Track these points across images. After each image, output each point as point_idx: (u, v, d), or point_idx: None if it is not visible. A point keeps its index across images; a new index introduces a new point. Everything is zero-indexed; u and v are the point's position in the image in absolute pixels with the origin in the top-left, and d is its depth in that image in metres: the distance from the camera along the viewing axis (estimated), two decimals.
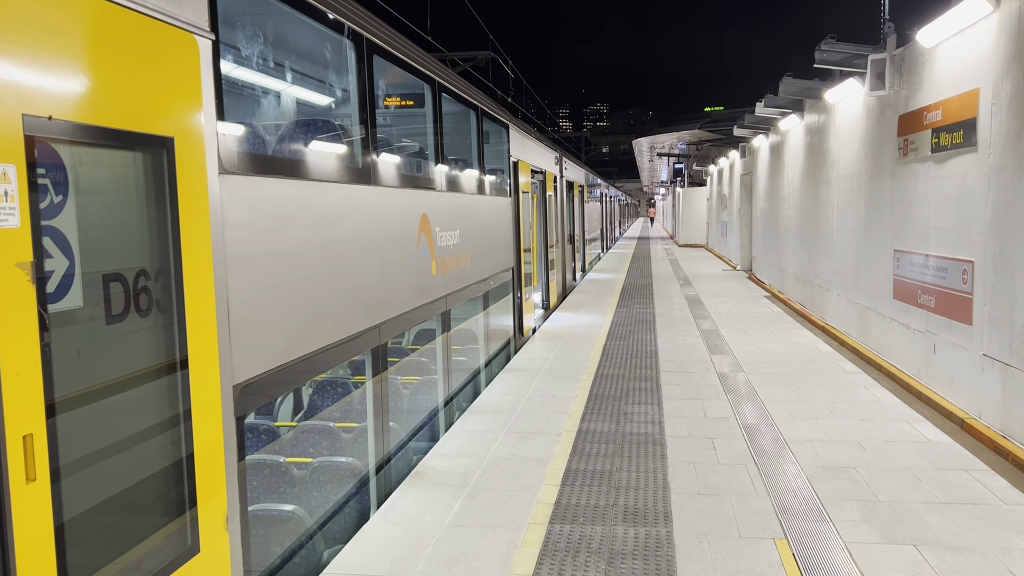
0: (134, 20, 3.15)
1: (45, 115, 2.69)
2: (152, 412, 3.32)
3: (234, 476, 3.85)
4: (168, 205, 3.35)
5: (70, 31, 2.84)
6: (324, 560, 5.32)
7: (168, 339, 3.38)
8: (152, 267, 3.30)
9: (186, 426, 3.45)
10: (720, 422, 7.82)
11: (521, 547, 5.03)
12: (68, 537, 2.79)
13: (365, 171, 5.96)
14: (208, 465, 3.60)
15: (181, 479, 3.44)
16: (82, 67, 2.87)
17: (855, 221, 11.68)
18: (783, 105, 15.89)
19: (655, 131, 42.70)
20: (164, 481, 3.37)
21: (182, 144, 3.41)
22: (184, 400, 3.44)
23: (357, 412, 6.68)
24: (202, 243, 3.57)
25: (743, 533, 5.21)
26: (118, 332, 3.13)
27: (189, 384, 3.45)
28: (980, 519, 5.38)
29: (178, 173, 3.38)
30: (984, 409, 7.35)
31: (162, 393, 3.36)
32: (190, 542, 3.46)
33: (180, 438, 3.43)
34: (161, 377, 3.35)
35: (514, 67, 19.78)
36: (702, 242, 41.01)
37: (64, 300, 2.85)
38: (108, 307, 3.08)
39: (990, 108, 7.32)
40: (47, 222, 2.77)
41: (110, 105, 3.00)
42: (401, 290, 6.75)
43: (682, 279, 22.84)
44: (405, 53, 7.06)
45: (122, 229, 3.20)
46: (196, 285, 3.52)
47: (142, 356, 3.26)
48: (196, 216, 3.53)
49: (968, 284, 7.74)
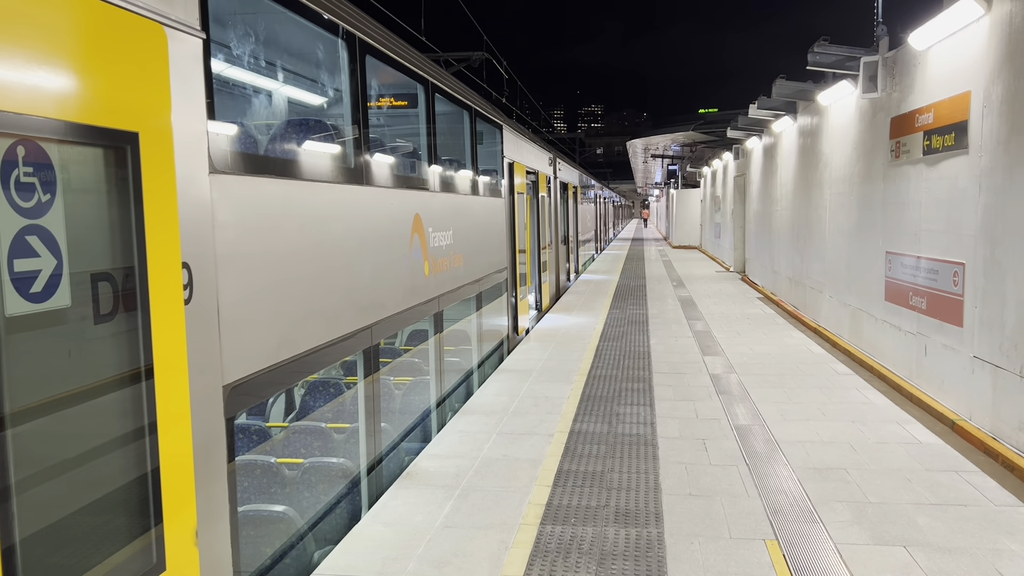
0: (88, 5, 2.95)
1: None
2: (109, 422, 3.09)
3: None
4: (132, 204, 3.13)
5: (11, 14, 2.65)
6: (315, 561, 5.30)
7: (130, 346, 3.16)
8: (109, 269, 3.06)
9: (151, 438, 3.24)
10: (712, 423, 7.83)
11: (512, 548, 5.03)
12: (20, 557, 2.61)
13: (357, 171, 5.94)
14: (175, 477, 3.39)
15: (145, 492, 3.23)
16: (29, 55, 2.70)
17: (847, 223, 11.72)
18: (776, 107, 15.93)
19: (649, 132, 42.75)
20: (124, 496, 3.15)
21: (148, 140, 3.21)
22: (149, 409, 3.23)
23: (349, 413, 6.66)
24: (170, 243, 3.36)
25: (734, 534, 5.22)
26: (69, 338, 2.89)
27: (154, 392, 3.24)
28: (970, 520, 5.40)
29: (143, 170, 3.17)
30: (974, 411, 7.38)
31: (121, 402, 3.13)
32: (155, 559, 3.26)
33: (143, 449, 3.21)
34: (120, 385, 3.12)
35: (508, 68, 19.78)
36: (696, 244, 41.08)
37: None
38: (57, 312, 2.83)
39: (981, 111, 7.34)
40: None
41: (68, 98, 2.81)
42: (393, 291, 6.74)
43: (675, 280, 22.87)
44: (398, 53, 7.05)
45: (76, 229, 2.92)
46: (163, 287, 3.30)
47: (97, 364, 3.02)
48: (163, 215, 3.31)
49: (959, 286, 7.77)
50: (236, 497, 4.06)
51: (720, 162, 29.71)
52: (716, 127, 29.64)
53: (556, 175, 19.25)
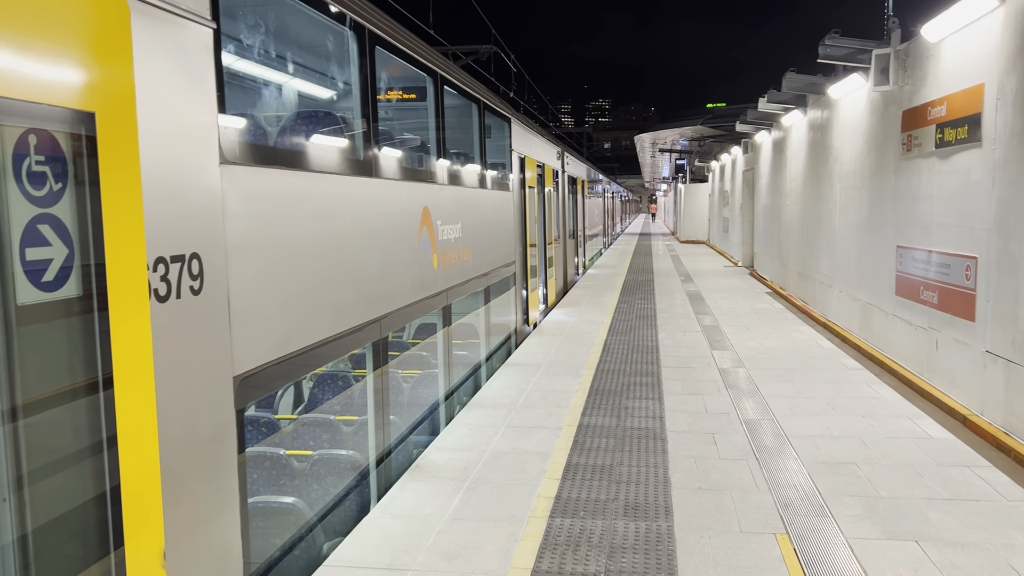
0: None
1: None
2: (53, 436, 2.76)
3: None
4: (88, 192, 2.81)
5: None
6: (324, 552, 5.31)
7: (83, 350, 2.83)
8: (55, 261, 2.74)
9: (111, 452, 2.91)
10: (721, 417, 7.80)
11: (521, 540, 5.02)
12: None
13: (367, 163, 5.93)
14: (138, 494, 3.06)
15: (102, 513, 2.91)
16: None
17: (857, 217, 11.64)
18: (786, 100, 15.84)
19: (657, 127, 42.64)
20: (77, 517, 2.84)
21: (107, 121, 2.91)
22: (107, 420, 2.90)
23: (358, 405, 6.66)
24: (132, 236, 3.03)
25: (744, 528, 5.19)
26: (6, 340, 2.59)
27: (114, 401, 2.93)
28: (982, 515, 5.36)
29: (101, 155, 2.85)
30: (986, 406, 7.33)
31: (75, 412, 2.81)
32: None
33: (99, 465, 2.90)
34: (67, 396, 2.79)
35: (516, 61, 19.72)
36: (704, 238, 40.97)
37: None
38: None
39: (995, 103, 7.28)
40: None
41: (7, 72, 2.52)
42: (402, 283, 6.73)
43: (683, 275, 22.81)
44: (407, 45, 7.03)
45: (22, 220, 2.63)
46: (124, 285, 2.98)
47: (41, 371, 2.71)
48: (125, 205, 2.99)
49: (971, 280, 7.71)
50: (246, 488, 4.06)
51: (728, 156, 29.59)
52: (724, 121, 29.54)
53: (564, 169, 19.20)
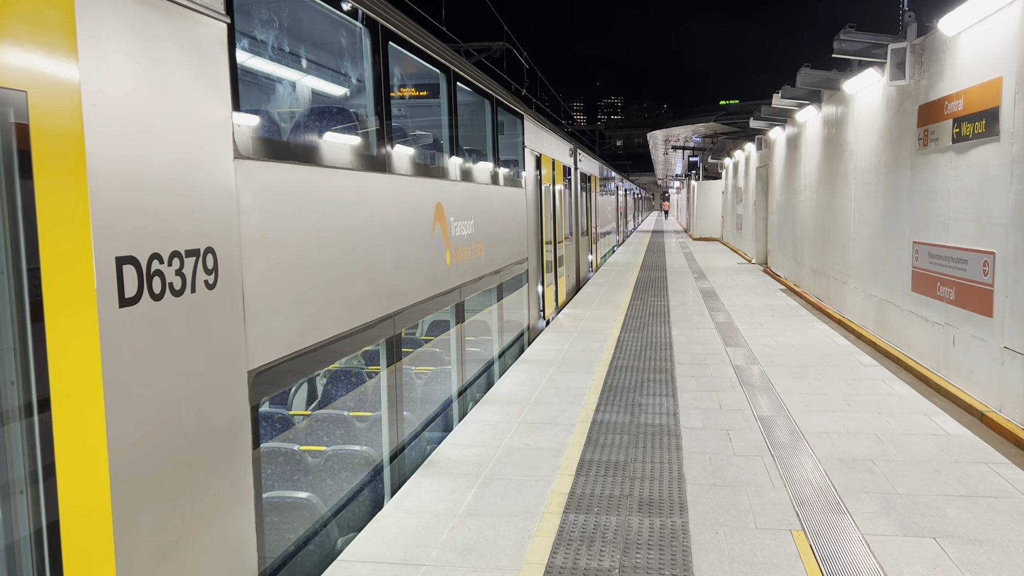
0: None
1: None
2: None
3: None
4: (17, 182, 2.50)
5: None
6: (338, 547, 5.32)
7: (18, 364, 2.52)
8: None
9: (47, 484, 2.58)
10: (735, 414, 7.76)
11: (535, 536, 5.01)
12: None
13: (380, 159, 5.93)
14: (82, 531, 2.72)
15: (39, 554, 2.59)
16: None
17: (873, 213, 11.55)
18: (800, 96, 15.73)
19: (670, 124, 42.50)
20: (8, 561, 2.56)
21: (41, 101, 2.57)
22: (44, 448, 2.55)
23: (371, 401, 6.67)
24: (75, 233, 2.69)
25: (759, 524, 5.16)
26: None
27: (51, 427, 2.57)
28: (1001, 512, 5.31)
29: (33, 140, 2.53)
30: (1004, 402, 7.25)
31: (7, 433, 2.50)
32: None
33: (35, 498, 2.57)
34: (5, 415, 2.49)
35: (528, 58, 19.68)
36: (717, 235, 40.79)
37: None
38: None
39: (1013, 97, 7.19)
40: None
41: None
42: (415, 279, 6.73)
43: (696, 272, 22.72)
44: (420, 40, 7.03)
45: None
46: (64, 290, 2.64)
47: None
48: (65, 198, 2.65)
49: (989, 276, 7.63)
50: (260, 484, 4.07)
51: (742, 153, 29.44)
52: (738, 118, 29.40)
53: (577, 166, 19.16)
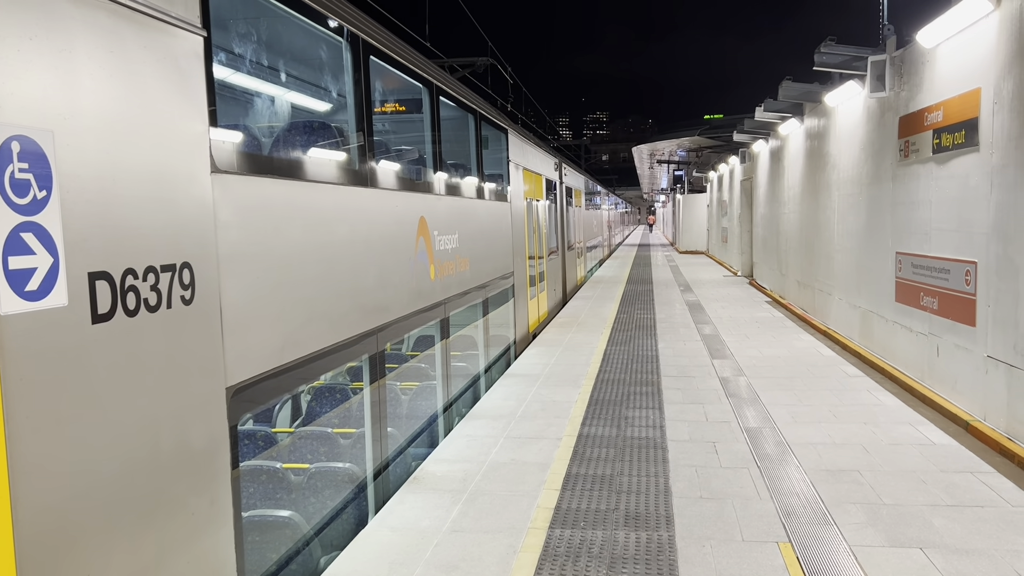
0: None
1: None
2: None
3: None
4: None
5: None
6: (320, 566, 5.24)
7: None
8: None
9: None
10: (722, 426, 7.74)
11: (521, 552, 4.95)
12: None
13: (362, 173, 5.90)
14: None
15: None
16: None
17: (856, 224, 11.62)
18: (783, 109, 15.86)
19: (655, 138, 42.74)
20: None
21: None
22: None
23: (355, 418, 6.60)
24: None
25: (746, 537, 5.13)
26: None
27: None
28: (987, 521, 5.30)
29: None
30: (989, 411, 7.27)
31: None
32: None
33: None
34: None
35: (513, 73, 19.76)
36: (703, 248, 40.97)
37: None
38: None
39: (992, 107, 7.26)
40: None
41: None
42: (399, 294, 6.69)
43: (683, 285, 22.77)
44: (402, 55, 7.02)
45: None
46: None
47: None
48: None
49: (971, 285, 7.67)
50: (240, 503, 4.00)
51: (726, 166, 29.63)
52: (722, 132, 29.61)
53: (562, 180, 19.21)
